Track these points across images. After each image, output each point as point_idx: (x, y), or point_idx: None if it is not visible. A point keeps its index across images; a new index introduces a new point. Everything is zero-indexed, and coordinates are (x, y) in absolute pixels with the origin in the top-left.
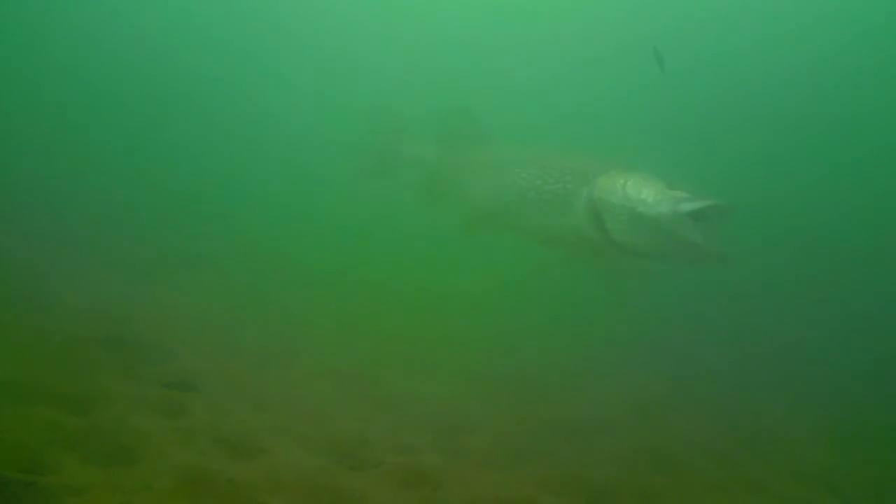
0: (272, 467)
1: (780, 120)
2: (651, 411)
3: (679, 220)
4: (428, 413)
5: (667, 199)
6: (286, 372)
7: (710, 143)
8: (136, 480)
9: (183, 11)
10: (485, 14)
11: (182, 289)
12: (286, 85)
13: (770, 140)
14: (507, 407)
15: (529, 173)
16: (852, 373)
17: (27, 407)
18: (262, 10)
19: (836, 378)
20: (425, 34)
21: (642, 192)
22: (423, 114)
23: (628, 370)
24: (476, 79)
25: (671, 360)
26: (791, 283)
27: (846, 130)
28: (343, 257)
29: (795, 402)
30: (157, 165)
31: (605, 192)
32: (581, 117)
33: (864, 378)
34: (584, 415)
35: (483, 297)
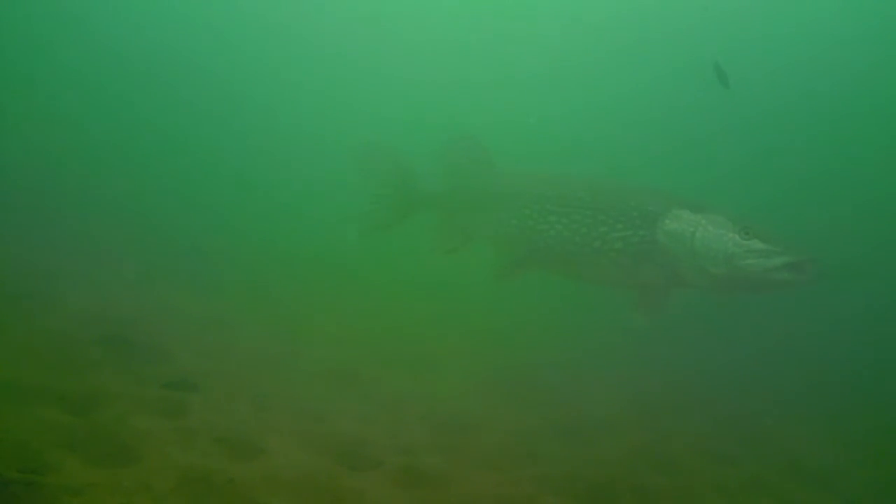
0: (272, 467)
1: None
2: (651, 411)
3: (764, 276)
4: (428, 413)
5: (748, 252)
6: (286, 372)
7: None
8: (136, 480)
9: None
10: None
11: (182, 289)
12: (285, 87)
13: (767, 140)
14: (506, 407)
15: (587, 215)
16: (852, 372)
17: (27, 407)
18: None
19: (836, 378)
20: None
21: (716, 244)
22: (421, 146)
23: (628, 370)
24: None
25: (671, 360)
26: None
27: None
28: (343, 259)
29: (796, 402)
30: (158, 165)
31: (673, 241)
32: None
33: (865, 378)
34: (583, 415)
35: (482, 297)
